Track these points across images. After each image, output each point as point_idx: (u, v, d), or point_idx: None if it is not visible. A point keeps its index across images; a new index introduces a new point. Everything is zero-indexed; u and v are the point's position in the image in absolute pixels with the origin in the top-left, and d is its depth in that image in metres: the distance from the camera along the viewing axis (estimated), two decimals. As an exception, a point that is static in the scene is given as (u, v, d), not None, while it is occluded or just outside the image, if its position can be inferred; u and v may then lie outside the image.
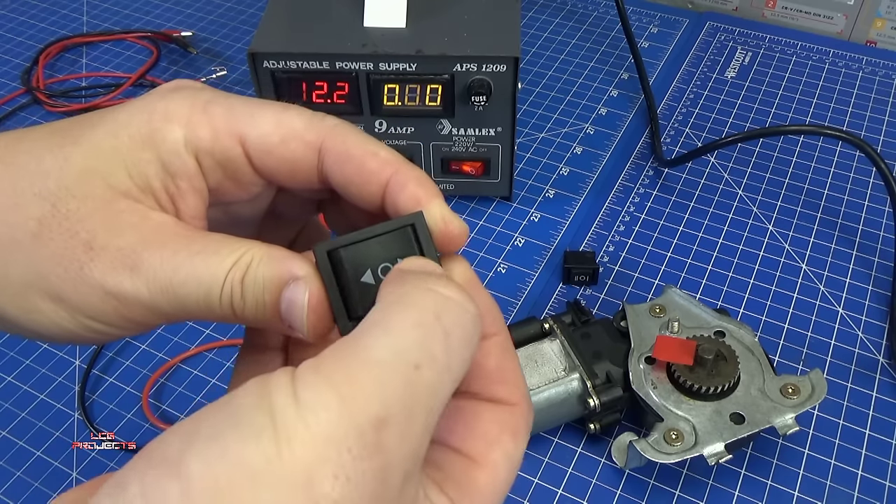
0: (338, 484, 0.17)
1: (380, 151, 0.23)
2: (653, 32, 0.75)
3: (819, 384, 0.40)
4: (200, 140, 0.23)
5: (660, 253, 0.54)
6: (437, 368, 0.19)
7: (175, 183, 0.23)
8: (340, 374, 0.18)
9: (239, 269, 0.22)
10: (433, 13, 0.52)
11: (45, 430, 0.46)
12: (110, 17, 0.79)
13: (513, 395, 0.23)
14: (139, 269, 0.21)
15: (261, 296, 0.22)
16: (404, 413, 0.18)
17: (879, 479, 0.42)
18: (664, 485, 0.42)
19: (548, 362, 0.43)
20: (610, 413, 0.42)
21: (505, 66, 0.49)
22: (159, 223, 0.22)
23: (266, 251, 0.22)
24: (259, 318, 0.22)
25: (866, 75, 0.68)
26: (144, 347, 0.50)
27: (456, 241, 0.23)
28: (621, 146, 0.63)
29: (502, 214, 0.58)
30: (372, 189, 0.23)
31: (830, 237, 0.55)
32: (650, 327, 0.44)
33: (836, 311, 0.50)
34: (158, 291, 0.22)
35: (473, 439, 0.22)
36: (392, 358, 0.18)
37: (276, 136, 0.23)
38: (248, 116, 0.23)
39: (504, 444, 0.22)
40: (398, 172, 0.23)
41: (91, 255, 0.21)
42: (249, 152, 0.23)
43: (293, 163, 0.23)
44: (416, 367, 0.18)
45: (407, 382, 0.18)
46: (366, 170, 0.23)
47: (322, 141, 0.23)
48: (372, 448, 0.17)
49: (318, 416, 0.17)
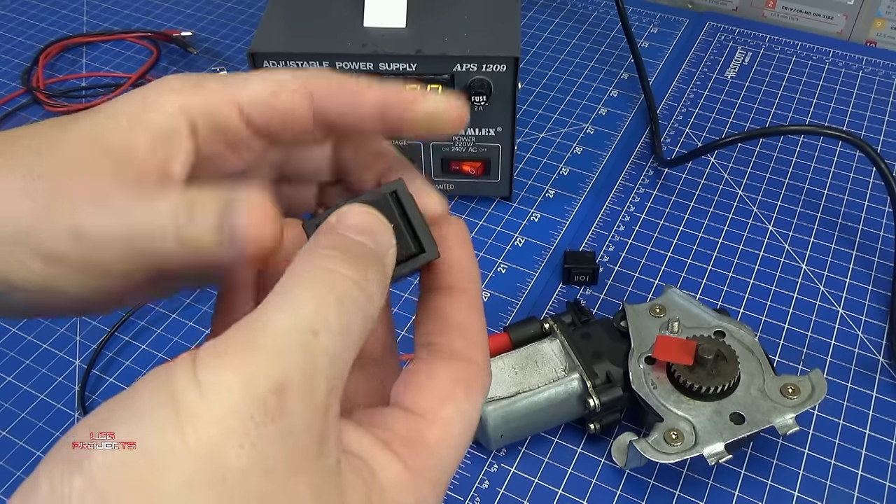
0: (244, 453, 0.17)
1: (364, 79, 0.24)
2: (653, 32, 0.75)
3: (819, 384, 0.40)
4: (193, 105, 0.24)
5: (660, 253, 0.54)
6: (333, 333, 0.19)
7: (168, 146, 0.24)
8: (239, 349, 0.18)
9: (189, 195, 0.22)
10: (433, 13, 0.52)
11: (45, 430, 0.46)
12: (110, 17, 0.79)
13: (470, 350, 0.23)
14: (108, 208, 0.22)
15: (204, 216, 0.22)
16: (305, 377, 0.18)
17: (879, 479, 0.42)
18: (664, 485, 0.42)
19: (548, 362, 0.43)
20: (610, 413, 0.42)
21: (505, 66, 0.49)
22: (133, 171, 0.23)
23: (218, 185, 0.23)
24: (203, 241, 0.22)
25: (866, 75, 0.68)
26: (144, 347, 0.50)
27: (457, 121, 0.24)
28: (621, 146, 0.63)
29: (502, 214, 0.58)
30: (368, 108, 0.24)
31: (830, 237, 0.55)
32: (650, 327, 0.44)
33: (836, 311, 0.50)
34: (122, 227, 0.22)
35: (425, 396, 0.22)
36: (290, 325, 0.19)
37: (267, 91, 0.24)
38: (240, 84, 0.25)
39: (457, 398, 0.22)
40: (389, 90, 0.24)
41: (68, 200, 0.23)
42: (245, 113, 0.24)
43: (286, 111, 0.24)
44: (314, 333, 0.19)
45: (305, 347, 0.19)
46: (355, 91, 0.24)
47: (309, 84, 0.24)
48: (274, 413, 0.18)
49: (220, 394, 0.18)
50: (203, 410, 0.17)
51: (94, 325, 0.51)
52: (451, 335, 0.23)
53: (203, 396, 0.18)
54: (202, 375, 0.18)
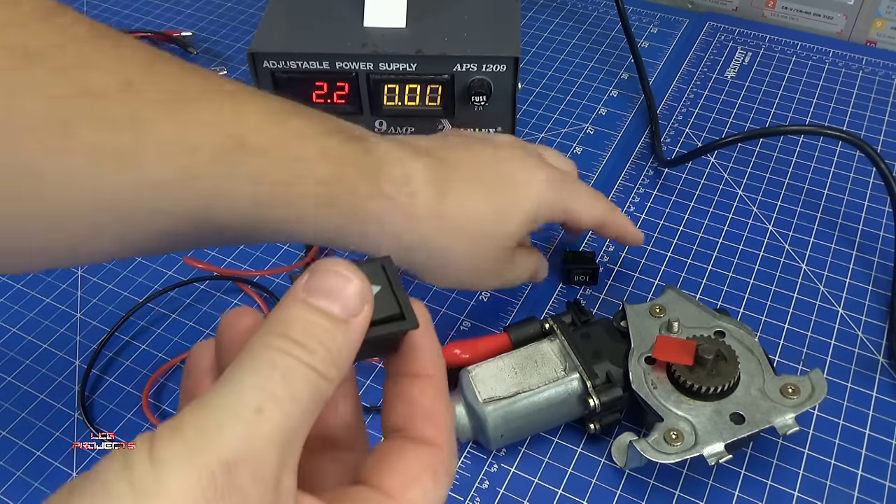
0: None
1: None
2: (653, 32, 0.75)
3: (819, 384, 0.40)
4: None
5: (660, 253, 0.54)
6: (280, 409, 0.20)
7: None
8: (190, 426, 0.19)
9: None
10: (433, 13, 0.52)
11: (45, 430, 0.46)
12: (110, 17, 0.79)
13: (439, 436, 0.23)
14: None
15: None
16: (251, 452, 0.19)
17: (879, 479, 0.42)
18: (664, 485, 0.42)
19: (548, 362, 0.43)
20: (610, 413, 0.42)
21: (505, 66, 0.49)
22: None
23: None
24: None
25: (866, 75, 0.68)
26: (144, 347, 0.50)
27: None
28: (621, 146, 0.63)
29: (502, 214, 0.58)
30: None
31: (830, 237, 0.55)
32: (650, 327, 0.44)
33: (836, 311, 0.50)
34: None
35: (393, 476, 0.22)
36: (234, 403, 0.19)
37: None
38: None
39: (423, 482, 0.22)
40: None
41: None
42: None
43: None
44: (258, 410, 0.19)
45: (249, 424, 0.19)
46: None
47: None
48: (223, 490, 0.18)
49: (172, 469, 0.18)
50: (155, 486, 0.18)
51: (94, 325, 0.51)
52: (419, 421, 0.24)
53: (156, 472, 0.18)
54: (157, 453, 0.18)
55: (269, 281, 0.53)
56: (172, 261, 0.55)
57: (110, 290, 0.53)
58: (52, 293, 0.53)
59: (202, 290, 0.53)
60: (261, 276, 0.53)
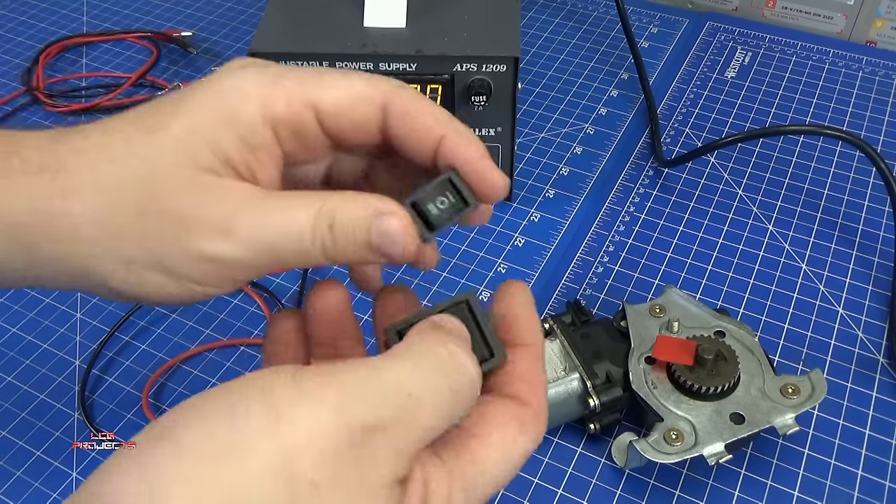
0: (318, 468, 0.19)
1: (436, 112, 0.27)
2: (653, 32, 0.75)
3: (819, 384, 0.40)
4: (276, 113, 0.25)
5: (660, 253, 0.54)
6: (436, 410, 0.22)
7: (255, 155, 0.25)
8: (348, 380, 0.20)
9: (324, 216, 0.24)
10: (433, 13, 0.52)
11: (45, 430, 0.46)
12: (110, 17, 0.79)
13: (531, 395, 0.25)
14: (234, 234, 0.24)
15: (351, 235, 0.24)
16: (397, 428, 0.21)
17: (879, 479, 0.42)
18: (664, 485, 0.42)
19: (548, 362, 0.43)
20: (610, 413, 0.42)
21: (505, 66, 0.49)
22: (243, 191, 0.25)
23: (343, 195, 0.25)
24: (349, 253, 0.25)
25: (866, 75, 0.68)
26: (144, 347, 0.50)
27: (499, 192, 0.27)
28: (621, 146, 0.63)
29: (502, 214, 0.58)
30: (427, 144, 0.26)
31: (830, 237, 0.55)
32: (650, 327, 0.44)
33: (836, 311, 0.50)
34: (254, 250, 0.24)
35: (482, 422, 0.24)
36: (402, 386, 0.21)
37: (346, 102, 0.25)
38: (317, 84, 0.25)
39: (508, 429, 0.24)
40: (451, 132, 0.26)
41: (187, 227, 0.24)
42: (322, 118, 0.26)
43: (361, 124, 0.26)
44: (419, 400, 0.21)
45: (406, 407, 0.21)
46: (424, 126, 0.26)
47: (386, 102, 0.26)
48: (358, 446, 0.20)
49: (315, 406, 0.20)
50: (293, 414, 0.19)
51: (94, 325, 0.51)
52: (515, 380, 0.26)
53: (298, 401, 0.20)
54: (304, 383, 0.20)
55: (269, 281, 0.53)
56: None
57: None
58: (53, 293, 0.53)
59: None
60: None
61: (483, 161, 0.26)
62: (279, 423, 0.19)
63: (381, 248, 0.25)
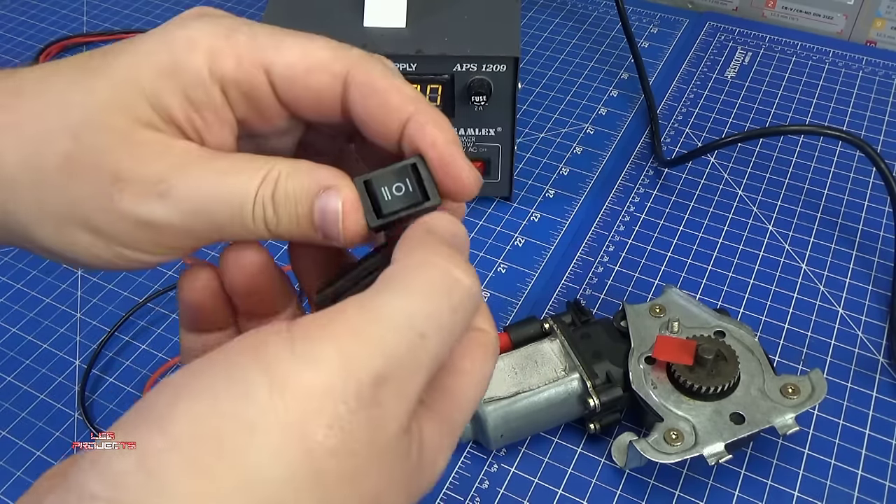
0: (332, 433, 0.18)
1: (403, 88, 0.23)
2: (653, 32, 0.75)
3: (819, 384, 0.40)
4: (225, 70, 0.22)
5: (660, 253, 0.54)
6: (441, 339, 0.20)
7: (200, 114, 0.23)
8: (345, 329, 0.19)
9: (268, 184, 0.22)
10: (433, 13, 0.52)
11: (45, 430, 0.46)
12: (110, 17, 0.79)
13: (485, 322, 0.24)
14: (169, 195, 0.22)
15: (293, 208, 0.22)
16: (405, 374, 0.19)
17: (879, 479, 0.42)
18: (664, 485, 0.42)
19: (548, 362, 0.43)
20: (610, 413, 0.42)
21: (505, 66, 0.49)
22: (183, 149, 0.22)
23: (292, 164, 0.22)
24: (293, 230, 0.23)
25: (866, 75, 0.68)
26: (144, 347, 0.50)
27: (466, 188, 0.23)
28: (621, 146, 0.63)
29: (502, 214, 0.58)
30: (391, 124, 0.23)
31: (830, 237, 0.55)
32: (650, 327, 0.44)
33: (836, 311, 0.50)
34: (190, 215, 0.22)
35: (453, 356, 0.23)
36: (403, 322, 0.19)
37: (302, 66, 0.23)
38: (273, 45, 0.23)
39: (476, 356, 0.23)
40: (418, 112, 0.23)
41: (119, 186, 0.22)
42: (274, 82, 0.23)
43: (318, 93, 0.23)
44: (422, 336, 0.19)
45: (412, 347, 0.19)
46: (388, 104, 0.23)
47: (347, 72, 0.23)
48: (368, 402, 0.18)
49: (316, 368, 0.18)
50: (296, 381, 0.18)
51: (94, 325, 0.51)
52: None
53: (297, 367, 0.18)
54: (300, 345, 0.18)
55: (269, 281, 0.53)
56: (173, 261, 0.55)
57: (110, 290, 0.53)
58: (52, 293, 0.53)
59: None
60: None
61: (451, 148, 0.23)
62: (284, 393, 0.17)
63: (322, 227, 0.22)
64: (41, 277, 0.54)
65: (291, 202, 0.22)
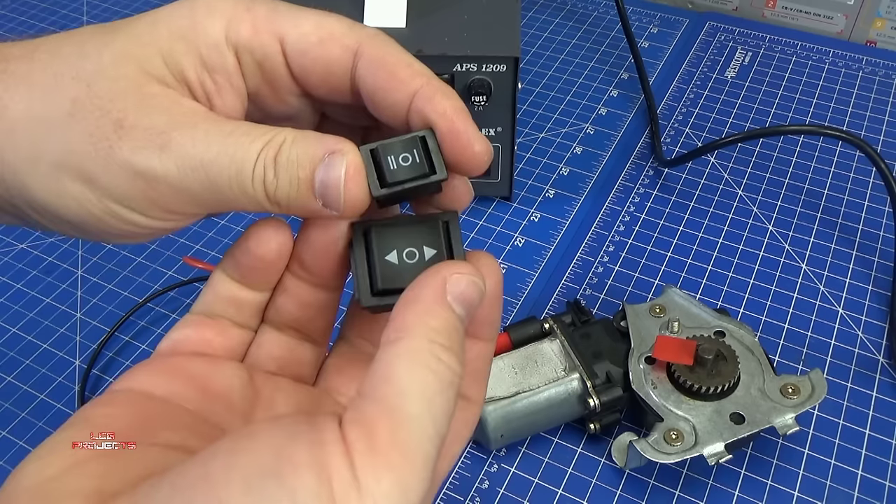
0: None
1: (413, 63, 0.23)
2: (653, 32, 0.75)
3: (819, 384, 0.40)
4: (240, 36, 0.23)
5: (660, 253, 0.54)
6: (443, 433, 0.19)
7: (212, 77, 0.23)
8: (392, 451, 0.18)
9: (272, 147, 0.22)
10: (433, 13, 0.52)
11: (45, 430, 0.46)
12: (110, 17, 0.79)
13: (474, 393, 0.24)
14: (169, 148, 0.21)
15: (295, 172, 0.22)
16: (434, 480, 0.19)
17: (879, 479, 0.42)
18: (664, 485, 0.42)
19: (548, 362, 0.43)
20: (610, 413, 0.42)
21: (505, 66, 0.49)
22: (191, 108, 0.22)
23: (299, 132, 0.22)
24: (292, 197, 0.22)
25: (866, 75, 0.68)
26: (144, 347, 0.50)
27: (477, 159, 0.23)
28: (621, 146, 0.63)
29: (502, 214, 0.58)
30: (399, 97, 0.23)
31: (830, 237, 0.55)
32: (650, 327, 0.44)
33: (836, 311, 0.50)
34: (188, 170, 0.21)
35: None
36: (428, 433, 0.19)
37: (315, 37, 0.23)
38: (290, 17, 0.23)
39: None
40: (427, 84, 0.23)
41: (121, 133, 0.21)
42: (287, 52, 0.23)
43: (328, 64, 0.23)
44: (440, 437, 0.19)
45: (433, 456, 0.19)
46: (397, 77, 0.23)
47: (359, 45, 0.23)
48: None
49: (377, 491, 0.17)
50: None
51: (94, 325, 0.51)
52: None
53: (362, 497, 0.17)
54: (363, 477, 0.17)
55: (269, 281, 0.53)
56: (172, 261, 0.55)
57: (110, 290, 0.53)
58: (52, 293, 0.53)
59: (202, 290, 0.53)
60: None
61: (461, 116, 0.22)
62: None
63: (323, 193, 0.22)
64: (41, 277, 0.54)
65: (294, 165, 0.22)
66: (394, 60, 0.23)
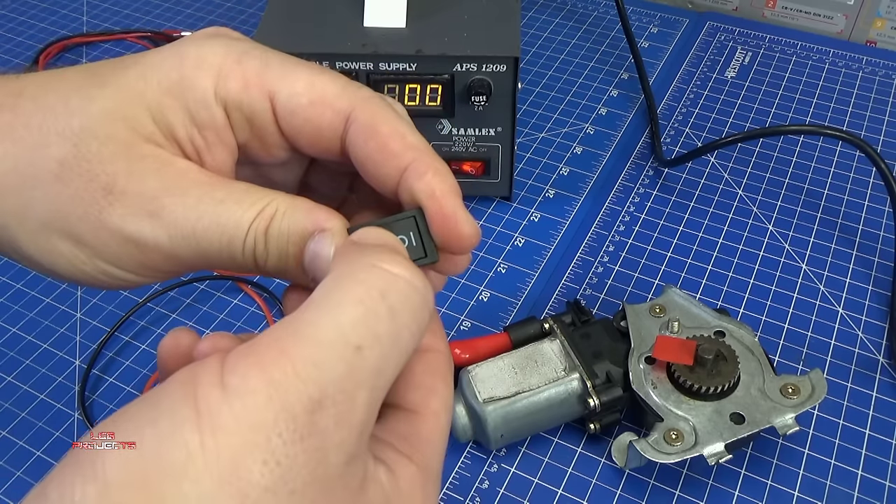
0: (267, 469, 0.16)
1: (407, 135, 0.22)
2: (653, 32, 0.75)
3: (819, 384, 0.40)
4: (230, 91, 0.22)
5: (660, 253, 0.54)
6: (382, 349, 0.18)
7: (202, 134, 0.22)
8: (273, 356, 0.17)
9: (263, 219, 0.21)
10: (433, 13, 0.52)
11: (45, 430, 0.46)
12: (110, 17, 0.79)
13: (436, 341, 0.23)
14: (160, 216, 0.21)
15: (285, 247, 0.21)
16: (343, 395, 0.17)
17: (879, 479, 0.42)
18: (664, 485, 0.42)
19: (548, 362, 0.43)
20: (610, 413, 0.42)
21: (505, 66, 0.49)
22: (182, 169, 0.22)
23: (291, 202, 0.22)
24: (281, 268, 0.22)
25: (866, 75, 0.68)
26: (144, 347, 0.50)
27: (465, 242, 0.22)
28: (621, 146, 0.63)
29: (502, 214, 0.58)
30: (389, 171, 0.22)
31: (830, 237, 0.55)
32: (650, 327, 0.44)
33: (836, 311, 0.50)
34: (179, 239, 0.21)
35: (411, 392, 0.22)
36: (333, 337, 0.18)
37: (306, 98, 0.22)
38: (281, 73, 0.22)
39: (439, 391, 0.22)
40: (419, 160, 0.22)
41: (111, 199, 0.21)
42: (277, 110, 0.23)
43: (318, 128, 0.23)
44: (358, 349, 0.18)
45: (347, 364, 0.18)
46: (388, 149, 0.22)
47: (352, 109, 0.22)
48: (304, 431, 0.17)
49: (245, 401, 0.17)
50: (224, 417, 0.16)
51: (94, 325, 0.51)
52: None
53: (227, 401, 0.17)
54: (228, 378, 0.17)
55: (268, 281, 0.53)
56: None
57: (110, 290, 0.53)
58: (52, 293, 0.53)
59: (202, 290, 0.53)
60: (260, 276, 0.53)
61: (450, 199, 0.22)
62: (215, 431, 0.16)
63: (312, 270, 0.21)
64: (41, 277, 0.54)
65: (284, 240, 0.21)
66: (386, 131, 0.22)
